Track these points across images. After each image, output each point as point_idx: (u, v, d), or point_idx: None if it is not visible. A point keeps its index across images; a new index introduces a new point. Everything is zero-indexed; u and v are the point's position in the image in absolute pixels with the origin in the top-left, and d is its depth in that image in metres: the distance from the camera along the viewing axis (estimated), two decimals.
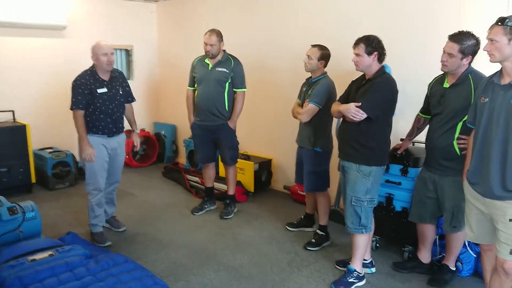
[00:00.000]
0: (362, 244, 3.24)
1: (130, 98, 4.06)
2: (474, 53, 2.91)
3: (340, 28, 4.46)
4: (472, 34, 2.88)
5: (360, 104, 2.98)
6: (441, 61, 2.99)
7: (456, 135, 2.97)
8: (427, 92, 3.27)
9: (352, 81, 3.31)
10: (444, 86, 3.06)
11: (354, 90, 3.19)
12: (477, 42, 2.88)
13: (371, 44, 3.00)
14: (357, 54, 3.05)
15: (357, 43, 3.06)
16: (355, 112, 2.97)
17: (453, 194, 3.03)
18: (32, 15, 5.32)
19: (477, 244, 3.15)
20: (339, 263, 3.53)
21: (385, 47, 3.05)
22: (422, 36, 3.89)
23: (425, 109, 3.31)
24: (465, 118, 2.82)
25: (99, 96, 3.70)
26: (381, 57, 3.05)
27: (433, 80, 3.25)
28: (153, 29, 6.93)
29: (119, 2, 6.40)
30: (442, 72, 3.12)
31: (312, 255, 3.72)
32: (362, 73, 3.23)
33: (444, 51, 2.96)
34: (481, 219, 2.59)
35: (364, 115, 2.97)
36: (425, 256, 3.41)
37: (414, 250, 3.53)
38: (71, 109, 3.66)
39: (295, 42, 4.88)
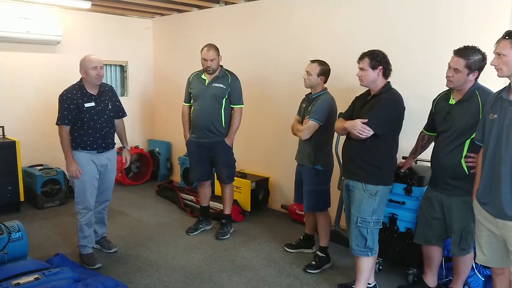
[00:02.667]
0: (367, 267, 3.09)
1: (121, 113, 3.95)
2: (480, 68, 2.82)
3: (340, 44, 4.41)
4: (478, 49, 2.80)
5: (366, 120, 2.88)
6: (447, 77, 2.89)
7: (464, 153, 2.85)
8: (432, 109, 3.17)
9: (356, 97, 3.21)
10: (450, 102, 2.96)
11: (358, 106, 3.10)
12: (483, 57, 2.80)
13: (376, 58, 2.94)
14: (361, 69, 2.99)
15: (361, 57, 3.00)
16: (361, 129, 2.88)
17: (461, 215, 2.91)
18: (26, 29, 5.22)
19: (486, 267, 3.02)
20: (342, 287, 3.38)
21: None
22: (422, 51, 3.84)
23: (429, 126, 3.20)
24: (473, 135, 2.72)
25: (86, 111, 3.59)
26: (386, 72, 2.99)
27: (437, 97, 3.15)
28: (148, 45, 6.85)
29: (114, 18, 6.33)
30: (447, 88, 3.03)
31: (313, 278, 3.56)
32: (366, 89, 3.14)
33: (449, 67, 2.87)
34: (492, 241, 2.46)
35: (371, 132, 2.88)
36: (431, 279, 3.25)
37: (419, 273, 3.38)
38: (57, 124, 3.56)
39: (293, 57, 4.82)
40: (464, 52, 2.80)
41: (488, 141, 2.41)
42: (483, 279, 3.19)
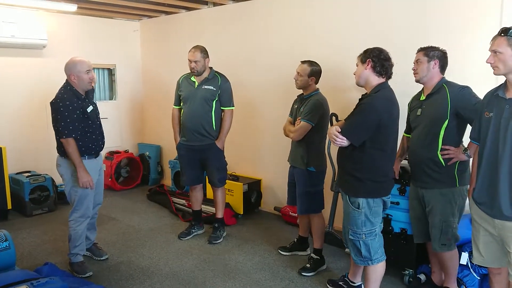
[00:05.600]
0: (372, 276, 2.92)
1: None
2: (440, 59, 2.96)
3: (331, 44, 4.38)
4: (437, 47, 3.00)
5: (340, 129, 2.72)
6: (413, 72, 3.06)
7: (439, 145, 2.92)
8: (408, 111, 3.24)
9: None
10: (421, 99, 3.08)
11: (354, 108, 2.91)
12: (443, 52, 2.98)
13: (366, 52, 2.77)
14: (356, 65, 2.84)
15: (359, 55, 2.84)
16: (333, 137, 2.70)
17: (440, 208, 2.94)
18: (11, 33, 5.12)
19: (481, 266, 3.00)
20: (329, 283, 3.41)
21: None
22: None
23: (409, 129, 3.24)
24: (445, 125, 2.86)
25: (90, 116, 3.51)
26: (377, 67, 2.73)
27: (411, 99, 3.24)
28: (136, 48, 6.77)
29: (101, 20, 6.25)
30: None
31: (308, 281, 3.52)
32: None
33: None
34: (489, 241, 2.44)
35: (345, 141, 2.69)
36: (439, 278, 3.25)
37: (415, 273, 3.37)
38: (64, 137, 3.37)
39: (284, 58, 4.77)
40: (423, 47, 3.04)
41: (485, 140, 2.38)
42: (478, 278, 3.17)
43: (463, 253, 3.19)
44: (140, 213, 5.28)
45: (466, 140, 2.96)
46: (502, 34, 2.20)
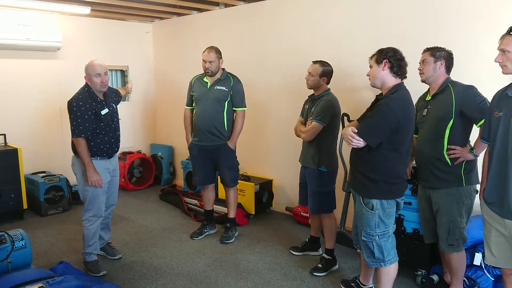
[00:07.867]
0: (384, 277, 2.90)
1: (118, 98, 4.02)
2: (446, 59, 2.97)
3: (341, 45, 4.37)
4: (443, 48, 3.01)
5: (357, 130, 2.69)
6: (419, 72, 3.07)
7: (445, 145, 2.93)
8: (415, 111, 3.18)
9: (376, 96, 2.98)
10: (427, 99, 3.10)
11: (369, 109, 2.86)
12: (449, 53, 2.99)
13: (382, 52, 2.70)
14: (370, 66, 2.79)
15: (371, 55, 2.80)
16: (350, 138, 2.66)
17: (447, 208, 2.95)
18: (26, 36, 5.20)
19: (495, 267, 2.97)
20: (343, 283, 3.40)
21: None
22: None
23: (416, 129, 3.20)
24: (450, 124, 2.87)
25: (104, 118, 3.55)
26: (394, 68, 2.67)
27: (418, 99, 3.24)
28: (148, 49, 6.84)
29: (114, 22, 6.32)
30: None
31: (320, 281, 3.53)
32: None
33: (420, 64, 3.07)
34: (501, 242, 2.41)
35: (361, 142, 2.65)
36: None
37: (428, 273, 3.35)
38: (75, 137, 3.45)
39: (295, 58, 4.78)
40: (429, 47, 3.05)
41: (494, 140, 2.37)
42: (492, 279, 3.14)
43: (476, 253, 3.17)
44: (153, 213, 5.33)
45: (473, 139, 2.96)
46: (511, 33, 2.19)
